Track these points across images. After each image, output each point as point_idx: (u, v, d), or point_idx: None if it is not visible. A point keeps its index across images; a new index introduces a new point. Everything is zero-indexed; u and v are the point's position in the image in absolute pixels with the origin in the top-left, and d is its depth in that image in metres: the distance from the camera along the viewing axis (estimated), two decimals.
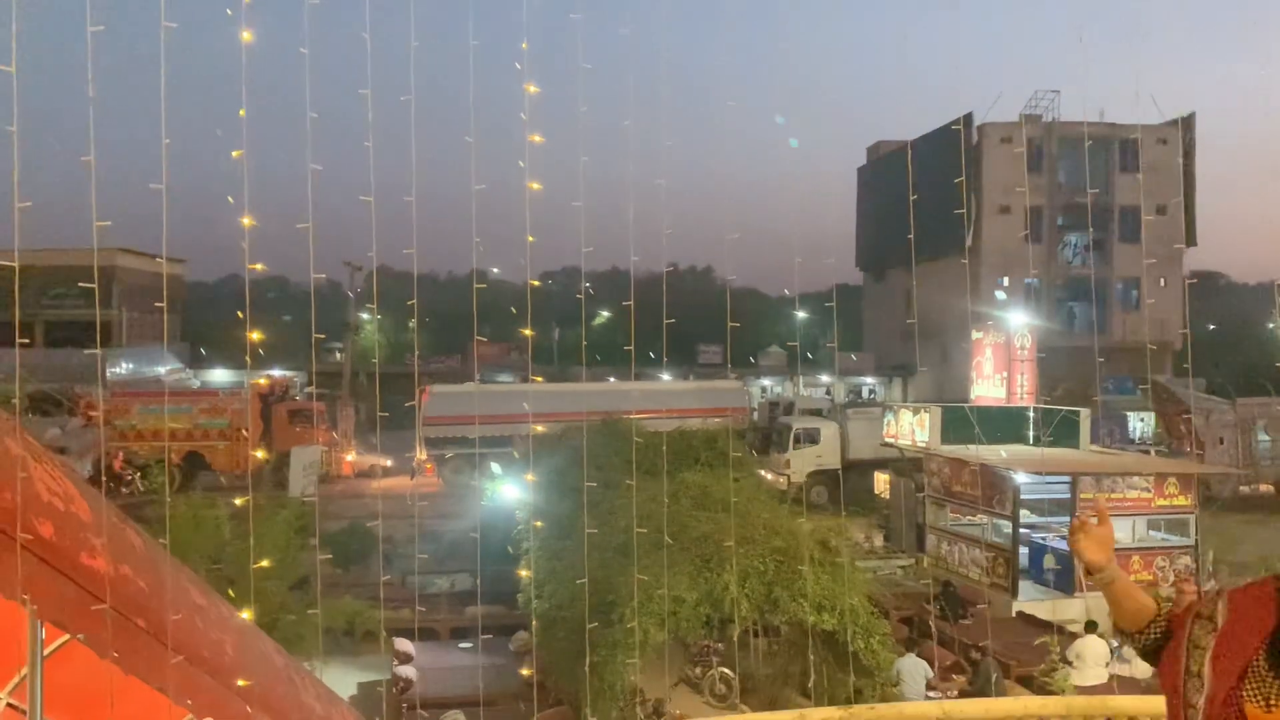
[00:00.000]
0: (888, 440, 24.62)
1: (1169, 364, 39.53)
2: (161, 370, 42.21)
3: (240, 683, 4.39)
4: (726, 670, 14.99)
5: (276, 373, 41.83)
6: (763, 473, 25.09)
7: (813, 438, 31.70)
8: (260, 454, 31.45)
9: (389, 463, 33.95)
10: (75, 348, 39.63)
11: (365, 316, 45.38)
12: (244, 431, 31.96)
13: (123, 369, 40.93)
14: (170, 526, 10.68)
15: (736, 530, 11.85)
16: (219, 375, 43.49)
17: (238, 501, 12.65)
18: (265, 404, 34.16)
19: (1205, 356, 41.67)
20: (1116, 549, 2.75)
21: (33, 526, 3.37)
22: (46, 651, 3.77)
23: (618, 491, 14.40)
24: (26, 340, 38.21)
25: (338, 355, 48.19)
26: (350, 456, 35.48)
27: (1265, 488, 31.19)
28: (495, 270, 40.98)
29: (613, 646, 11.45)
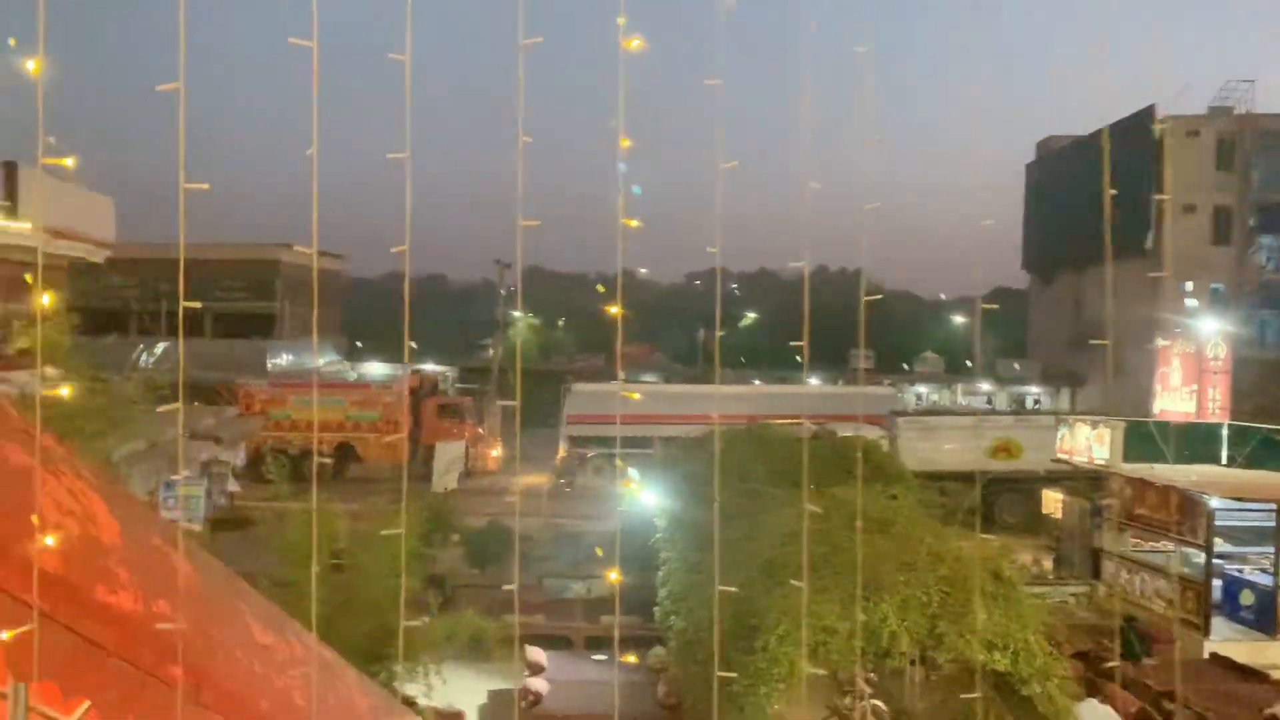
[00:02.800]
0: (1060, 456, 22.68)
1: None
2: (319, 363, 43.45)
3: None
4: (879, 704, 13.79)
5: (428, 368, 42.47)
6: None
7: None
8: (409, 448, 31.79)
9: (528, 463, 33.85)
10: (239, 339, 41.22)
11: (516, 315, 45.62)
12: (394, 424, 32.37)
13: (283, 360, 42.30)
14: (284, 526, 10.33)
15: (897, 555, 10.69)
16: (374, 369, 44.46)
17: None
18: (415, 398, 34.53)
19: None
20: None
21: (22, 557, 2.68)
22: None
23: (762, 503, 13.40)
24: (192, 332, 39.95)
25: (489, 352, 48.69)
26: (495, 452, 35.54)
27: None
28: (643, 270, 40.43)
29: (754, 676, 10.47)
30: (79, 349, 15.62)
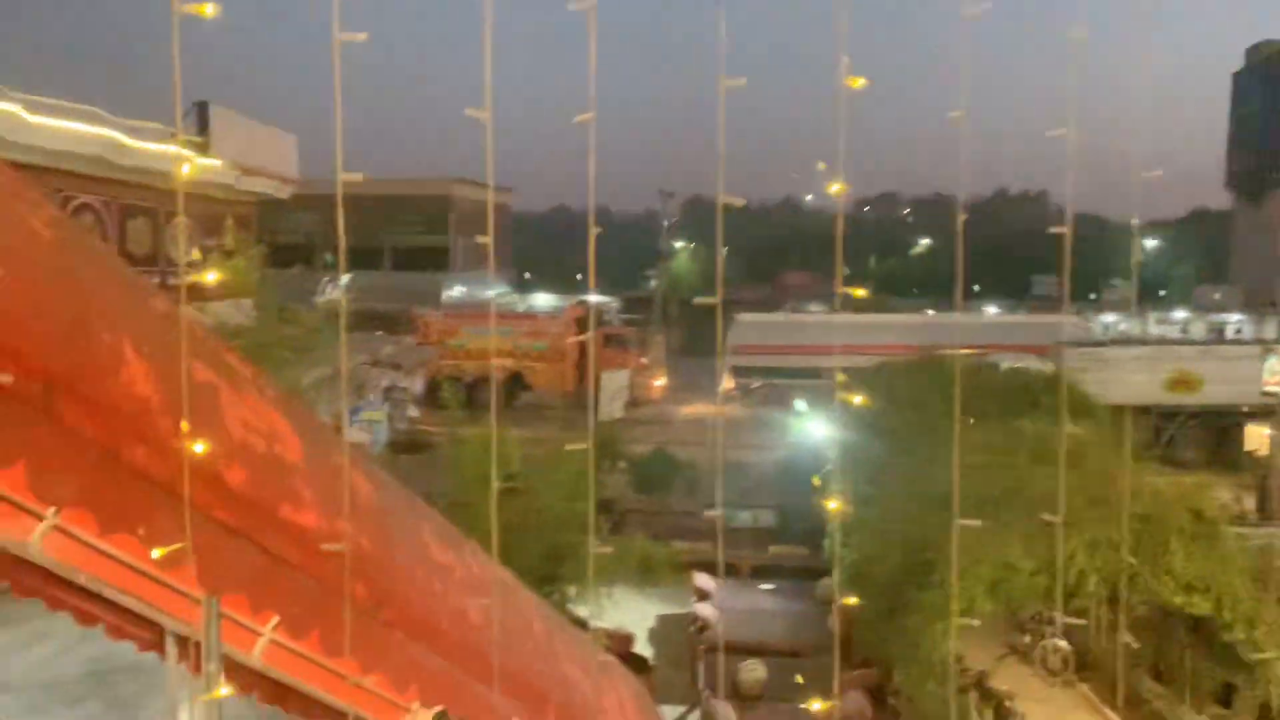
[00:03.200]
0: (1269, 389, 20.96)
1: None
2: (490, 294, 44.61)
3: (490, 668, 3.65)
4: (1062, 643, 13.19)
5: (593, 298, 42.90)
6: None
7: None
8: (576, 378, 32.36)
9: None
10: (415, 271, 42.69)
11: (679, 245, 45.44)
12: (561, 354, 32.95)
13: (455, 292, 43.60)
14: (462, 451, 10.57)
15: (1087, 491, 10.06)
16: (542, 299, 45.31)
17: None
18: (581, 328, 35.04)
19: None
20: None
21: (214, 475, 2.70)
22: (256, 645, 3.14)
23: (937, 436, 12.89)
24: (371, 265, 41.61)
25: (651, 283, 48.73)
26: (659, 382, 35.76)
27: None
28: (809, 197, 39.53)
29: (930, 612, 10.15)
30: (268, 281, 16.41)
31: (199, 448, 2.44)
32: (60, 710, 11.49)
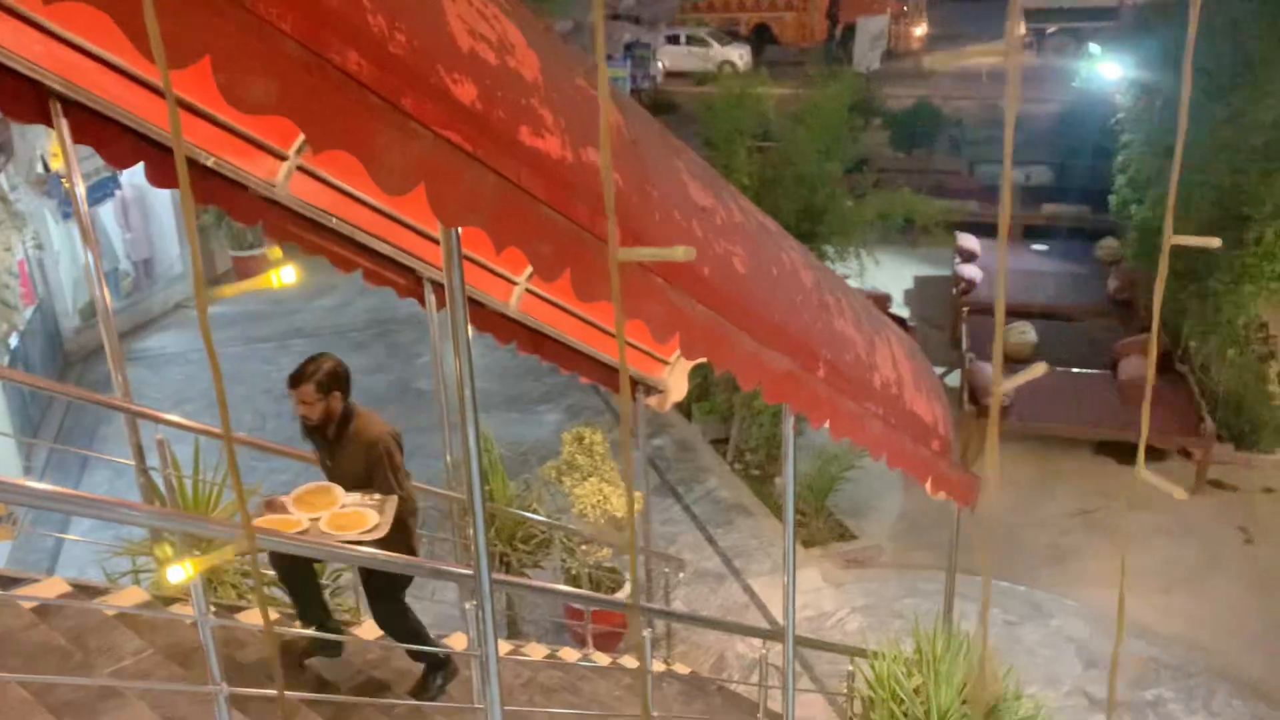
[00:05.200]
0: None
1: None
2: None
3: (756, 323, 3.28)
4: None
5: None
6: None
7: None
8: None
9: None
10: None
11: None
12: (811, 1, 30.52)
13: None
14: (709, 108, 9.91)
15: None
16: None
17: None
18: None
19: None
20: None
21: (439, 88, 2.29)
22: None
23: (1260, 70, 10.89)
24: None
25: None
26: (920, 30, 32.70)
27: None
28: None
29: (1240, 273, 9.00)
30: None
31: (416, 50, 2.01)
32: (349, 353, 12.71)
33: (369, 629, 4.74)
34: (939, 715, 4.61)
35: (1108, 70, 14.38)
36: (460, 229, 2.52)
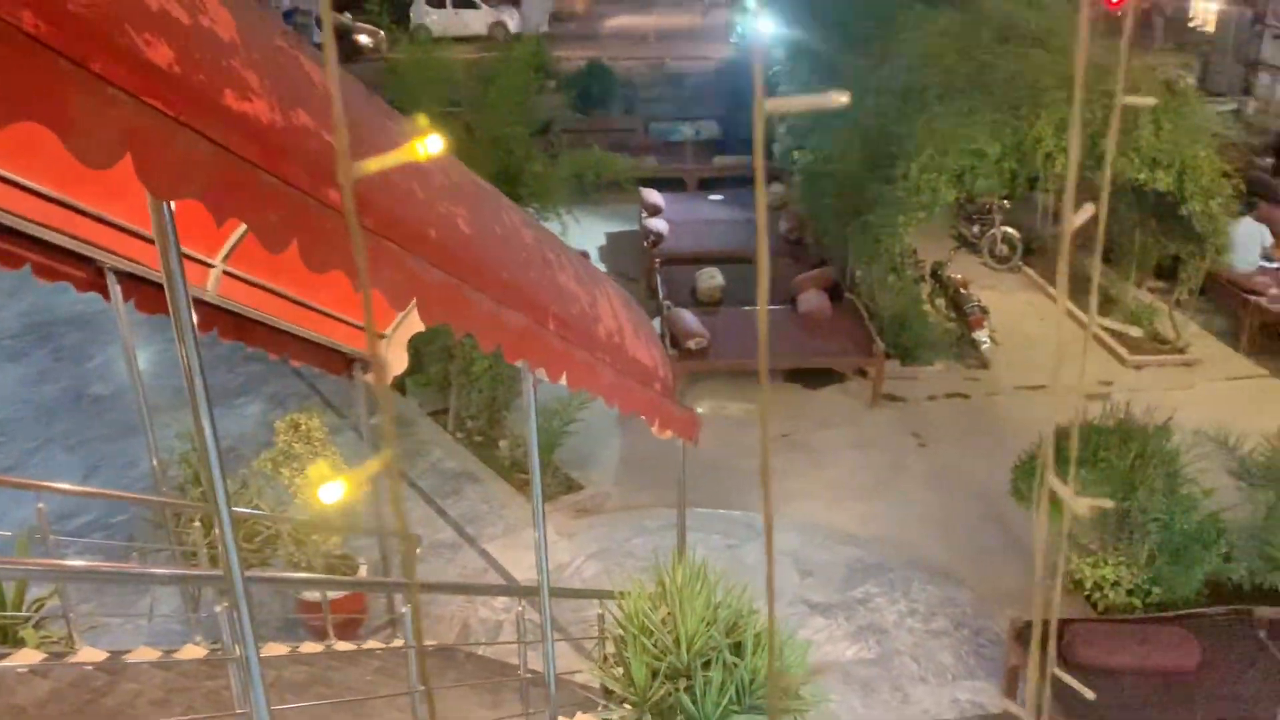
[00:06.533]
0: None
1: None
2: None
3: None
4: (1010, 229, 13.40)
5: None
6: None
7: None
8: None
9: None
10: None
11: None
12: None
13: None
14: (394, 71, 9.65)
15: (1055, 69, 9.61)
16: None
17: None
18: None
19: None
20: None
21: (130, 49, 2.09)
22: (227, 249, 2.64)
23: (895, 26, 12.12)
24: None
25: None
26: None
27: None
28: None
29: (893, 205, 10.01)
30: None
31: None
32: (4, 364, 11.31)
33: (88, 654, 4.32)
34: (687, 640, 4.88)
35: (763, 26, 15.39)
36: (173, 203, 2.32)
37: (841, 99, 0.55)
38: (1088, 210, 0.72)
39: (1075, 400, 1.07)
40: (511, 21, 25.70)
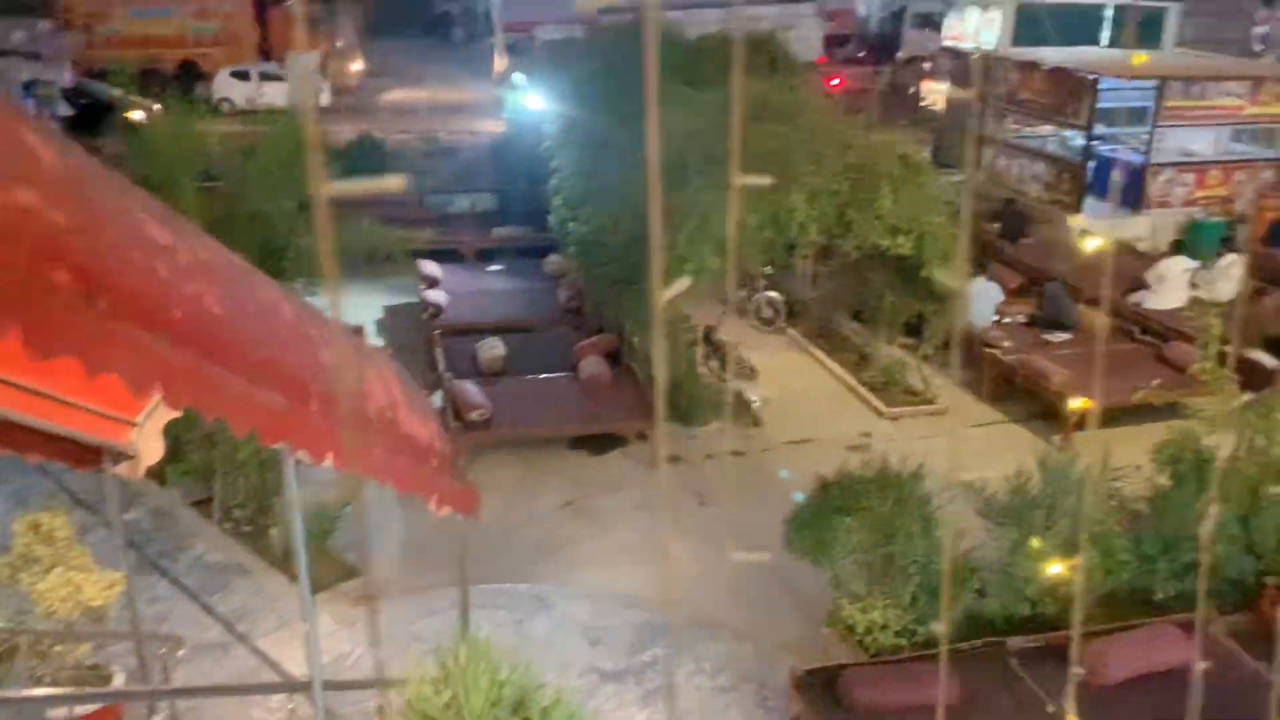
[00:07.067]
0: (947, 44, 22.22)
1: None
2: None
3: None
4: (773, 294, 14.14)
5: None
6: None
7: None
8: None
9: None
10: None
11: None
12: (235, 36, 29.42)
13: None
14: (149, 139, 9.22)
15: (804, 146, 10.32)
16: None
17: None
18: (261, 5, 31.19)
19: None
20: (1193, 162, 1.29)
21: None
22: None
23: (660, 105, 12.67)
24: None
25: None
26: (356, 65, 32.98)
27: None
28: None
29: (662, 275, 10.34)
30: None
31: None
32: None
33: None
34: None
35: (532, 101, 15.72)
36: None
37: (398, 182, 0.59)
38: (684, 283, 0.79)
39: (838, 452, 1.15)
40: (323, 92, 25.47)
